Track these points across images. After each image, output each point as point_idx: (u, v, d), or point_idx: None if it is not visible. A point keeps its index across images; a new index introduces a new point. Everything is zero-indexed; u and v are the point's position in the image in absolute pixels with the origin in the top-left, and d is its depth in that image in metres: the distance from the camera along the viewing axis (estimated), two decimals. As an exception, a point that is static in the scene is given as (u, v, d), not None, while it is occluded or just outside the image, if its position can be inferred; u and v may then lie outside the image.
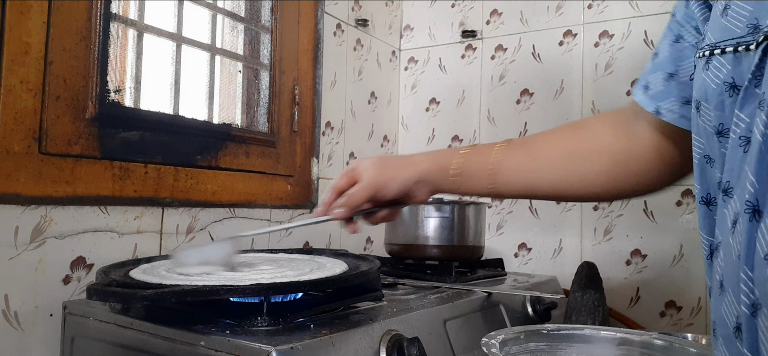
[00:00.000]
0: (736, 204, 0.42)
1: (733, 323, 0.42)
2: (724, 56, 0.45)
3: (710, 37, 0.47)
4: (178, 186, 1.02)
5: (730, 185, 0.44)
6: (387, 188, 0.75)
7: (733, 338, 0.42)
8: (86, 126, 0.90)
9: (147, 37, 1.03)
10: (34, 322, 0.83)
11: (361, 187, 0.74)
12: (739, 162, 0.43)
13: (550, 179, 0.71)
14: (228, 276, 0.73)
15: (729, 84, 0.44)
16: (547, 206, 1.45)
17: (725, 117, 0.45)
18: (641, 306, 1.32)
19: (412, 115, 1.68)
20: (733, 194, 0.43)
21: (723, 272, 0.43)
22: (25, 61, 0.82)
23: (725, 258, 0.43)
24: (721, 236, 0.45)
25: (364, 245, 1.53)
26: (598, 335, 0.73)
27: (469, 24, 1.61)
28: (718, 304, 0.44)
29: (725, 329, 0.43)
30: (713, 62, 0.46)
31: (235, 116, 1.24)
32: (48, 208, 0.85)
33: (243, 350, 0.61)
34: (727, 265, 0.43)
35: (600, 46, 1.41)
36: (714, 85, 0.45)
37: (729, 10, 0.45)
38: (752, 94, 0.42)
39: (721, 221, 0.45)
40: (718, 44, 0.46)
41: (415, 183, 0.75)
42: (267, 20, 1.27)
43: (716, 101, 0.45)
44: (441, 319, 0.85)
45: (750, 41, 0.43)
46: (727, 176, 0.44)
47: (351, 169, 0.77)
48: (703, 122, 0.48)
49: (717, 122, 0.45)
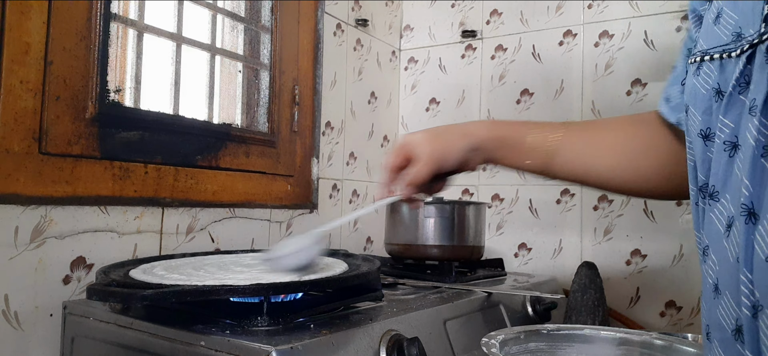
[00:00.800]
0: (728, 208, 0.43)
1: (731, 325, 0.42)
2: (712, 63, 0.46)
3: (702, 44, 0.49)
4: (178, 186, 1.02)
5: (715, 189, 0.45)
6: (447, 160, 0.73)
7: (732, 340, 0.42)
8: (86, 126, 0.90)
9: (147, 37, 1.03)
10: (34, 322, 0.83)
11: (424, 164, 0.73)
12: (724, 166, 0.44)
13: (607, 169, 0.71)
14: (228, 276, 0.73)
15: (716, 90, 0.46)
16: (547, 206, 1.45)
17: (712, 122, 0.46)
18: (641, 306, 1.32)
19: (412, 115, 1.68)
20: (720, 197, 0.44)
21: (717, 275, 0.44)
22: (25, 61, 0.82)
23: (719, 262, 0.43)
24: (708, 239, 0.45)
25: (364, 245, 1.53)
26: (598, 335, 0.73)
27: (469, 24, 1.61)
28: (712, 307, 0.44)
29: (722, 332, 0.43)
30: (703, 68, 0.47)
31: (235, 116, 1.24)
32: (48, 208, 0.85)
33: (243, 350, 0.61)
34: (721, 268, 0.43)
35: (600, 46, 1.41)
36: (703, 90, 0.47)
37: (720, 18, 0.47)
38: (737, 100, 0.43)
39: (709, 225, 0.45)
40: (708, 51, 0.47)
41: (471, 151, 0.74)
42: (267, 20, 1.27)
43: (705, 105, 0.47)
44: (441, 319, 0.85)
45: (733, 49, 0.44)
46: (712, 180, 0.45)
47: (403, 145, 0.76)
48: (691, 126, 0.49)
49: (704, 126, 0.47)
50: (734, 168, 0.43)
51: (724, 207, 0.44)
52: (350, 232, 1.48)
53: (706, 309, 0.45)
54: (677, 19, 1.32)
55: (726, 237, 0.43)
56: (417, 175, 0.73)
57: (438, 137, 0.75)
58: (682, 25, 1.31)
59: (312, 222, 1.34)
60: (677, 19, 1.32)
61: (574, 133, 0.73)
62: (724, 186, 0.44)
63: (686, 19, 1.31)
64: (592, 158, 0.72)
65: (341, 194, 1.45)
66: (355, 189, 1.50)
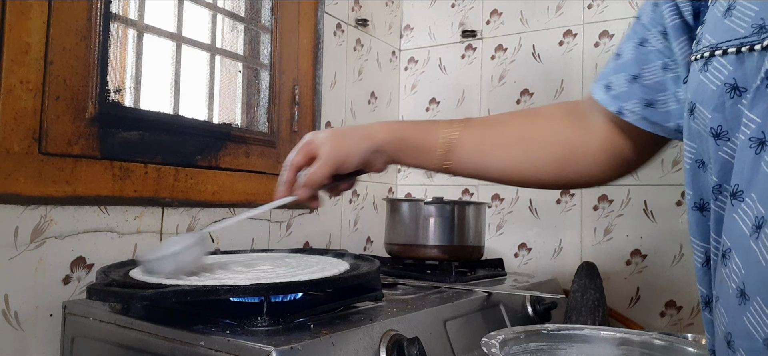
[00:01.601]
0: (756, 208, 0.41)
1: (764, 334, 0.39)
2: (726, 57, 0.44)
3: (709, 39, 0.47)
4: (178, 186, 1.02)
5: (738, 189, 0.42)
6: (347, 161, 0.74)
7: (763, 349, 0.39)
8: (86, 126, 0.90)
9: (147, 37, 1.03)
10: (34, 322, 0.83)
11: (322, 164, 0.73)
12: (750, 164, 0.42)
13: (503, 164, 0.73)
14: (228, 275, 0.73)
15: (730, 85, 0.44)
16: (547, 206, 1.45)
17: (726, 119, 0.44)
18: (641, 306, 1.32)
19: (412, 115, 1.68)
20: (745, 197, 0.42)
21: (743, 280, 0.41)
22: (25, 61, 0.82)
23: (746, 266, 0.41)
24: (730, 241, 0.43)
25: (364, 246, 1.53)
26: (598, 335, 0.73)
27: (469, 24, 1.61)
28: (737, 315, 0.42)
29: (752, 341, 0.40)
30: (713, 63, 0.45)
31: (235, 116, 1.24)
32: (48, 208, 0.85)
33: (243, 350, 0.61)
34: (749, 273, 0.41)
35: (600, 46, 1.41)
36: (713, 86, 0.45)
37: (733, 11, 0.45)
38: (764, 95, 0.41)
39: (732, 227, 0.43)
40: (720, 45, 0.45)
41: (373, 153, 0.75)
42: (267, 20, 1.27)
43: (715, 102, 0.45)
44: (441, 319, 0.85)
45: (755, 41, 0.42)
46: (735, 179, 0.43)
47: (306, 143, 0.76)
48: (696, 125, 0.47)
49: (715, 124, 0.45)
50: (762, 165, 0.41)
51: (749, 207, 0.41)
52: (350, 232, 1.48)
53: (729, 316, 0.43)
54: (677, 19, 1.32)
55: (755, 239, 0.40)
56: (314, 176, 0.74)
57: (340, 137, 0.76)
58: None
59: (312, 222, 1.34)
60: (677, 19, 1.32)
61: (473, 129, 0.74)
62: (750, 185, 0.41)
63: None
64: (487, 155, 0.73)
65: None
66: (355, 189, 1.50)
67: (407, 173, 1.66)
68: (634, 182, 1.34)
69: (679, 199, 1.29)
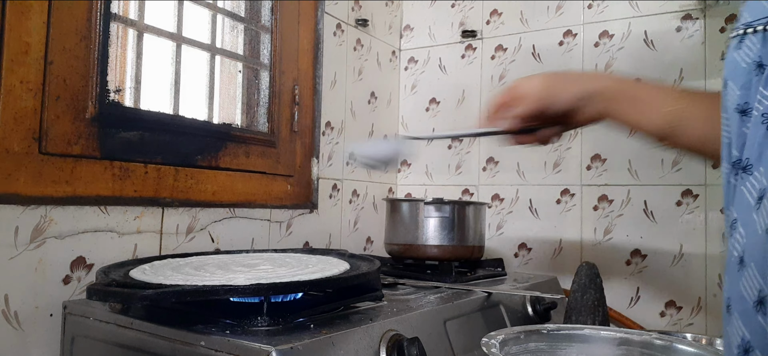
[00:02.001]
0: (761, 180, 0.42)
1: (754, 297, 0.42)
2: (756, 35, 0.45)
3: (746, 17, 0.47)
4: (178, 186, 1.02)
5: (748, 163, 0.44)
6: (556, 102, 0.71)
7: (753, 312, 0.42)
8: (86, 126, 0.90)
9: (147, 37, 1.03)
10: (34, 322, 0.83)
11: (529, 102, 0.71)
12: (760, 139, 0.43)
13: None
14: (228, 275, 0.73)
15: (756, 63, 0.44)
16: (547, 206, 1.45)
17: (750, 96, 0.45)
18: (641, 306, 1.32)
19: (412, 115, 1.68)
20: (753, 171, 0.43)
21: (743, 247, 0.43)
22: (25, 61, 0.82)
23: (747, 235, 0.43)
24: (737, 212, 0.45)
25: (364, 246, 1.53)
26: (598, 335, 0.73)
27: (469, 24, 1.61)
28: (735, 281, 0.44)
29: (743, 304, 0.43)
30: (745, 42, 0.46)
31: (235, 116, 1.24)
32: (48, 208, 0.85)
33: (243, 350, 0.61)
34: (748, 241, 0.43)
35: (600, 46, 1.41)
36: (744, 64, 0.46)
37: None
38: None
39: (740, 198, 0.45)
40: (752, 23, 0.46)
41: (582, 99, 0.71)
42: (267, 20, 1.27)
43: (744, 79, 0.45)
44: (441, 319, 0.85)
45: None
46: (746, 153, 0.44)
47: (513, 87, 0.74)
48: (727, 101, 0.48)
49: (741, 101, 0.46)
50: None
51: (756, 180, 0.43)
52: (350, 232, 1.48)
53: (729, 283, 0.45)
54: (677, 19, 1.32)
55: (756, 210, 0.42)
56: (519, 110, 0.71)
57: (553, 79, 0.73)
58: (682, 25, 1.31)
59: (312, 222, 1.34)
60: (677, 19, 1.32)
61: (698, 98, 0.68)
62: (759, 159, 0.43)
63: (687, 19, 1.31)
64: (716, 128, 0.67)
65: (341, 194, 1.45)
66: (355, 189, 1.50)
67: (407, 173, 1.67)
68: (634, 182, 1.34)
69: (679, 199, 1.29)
